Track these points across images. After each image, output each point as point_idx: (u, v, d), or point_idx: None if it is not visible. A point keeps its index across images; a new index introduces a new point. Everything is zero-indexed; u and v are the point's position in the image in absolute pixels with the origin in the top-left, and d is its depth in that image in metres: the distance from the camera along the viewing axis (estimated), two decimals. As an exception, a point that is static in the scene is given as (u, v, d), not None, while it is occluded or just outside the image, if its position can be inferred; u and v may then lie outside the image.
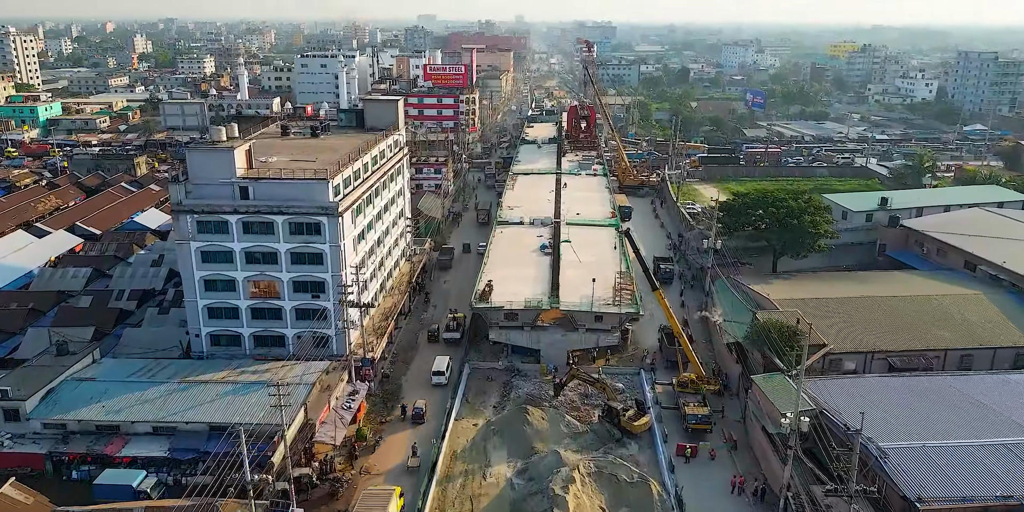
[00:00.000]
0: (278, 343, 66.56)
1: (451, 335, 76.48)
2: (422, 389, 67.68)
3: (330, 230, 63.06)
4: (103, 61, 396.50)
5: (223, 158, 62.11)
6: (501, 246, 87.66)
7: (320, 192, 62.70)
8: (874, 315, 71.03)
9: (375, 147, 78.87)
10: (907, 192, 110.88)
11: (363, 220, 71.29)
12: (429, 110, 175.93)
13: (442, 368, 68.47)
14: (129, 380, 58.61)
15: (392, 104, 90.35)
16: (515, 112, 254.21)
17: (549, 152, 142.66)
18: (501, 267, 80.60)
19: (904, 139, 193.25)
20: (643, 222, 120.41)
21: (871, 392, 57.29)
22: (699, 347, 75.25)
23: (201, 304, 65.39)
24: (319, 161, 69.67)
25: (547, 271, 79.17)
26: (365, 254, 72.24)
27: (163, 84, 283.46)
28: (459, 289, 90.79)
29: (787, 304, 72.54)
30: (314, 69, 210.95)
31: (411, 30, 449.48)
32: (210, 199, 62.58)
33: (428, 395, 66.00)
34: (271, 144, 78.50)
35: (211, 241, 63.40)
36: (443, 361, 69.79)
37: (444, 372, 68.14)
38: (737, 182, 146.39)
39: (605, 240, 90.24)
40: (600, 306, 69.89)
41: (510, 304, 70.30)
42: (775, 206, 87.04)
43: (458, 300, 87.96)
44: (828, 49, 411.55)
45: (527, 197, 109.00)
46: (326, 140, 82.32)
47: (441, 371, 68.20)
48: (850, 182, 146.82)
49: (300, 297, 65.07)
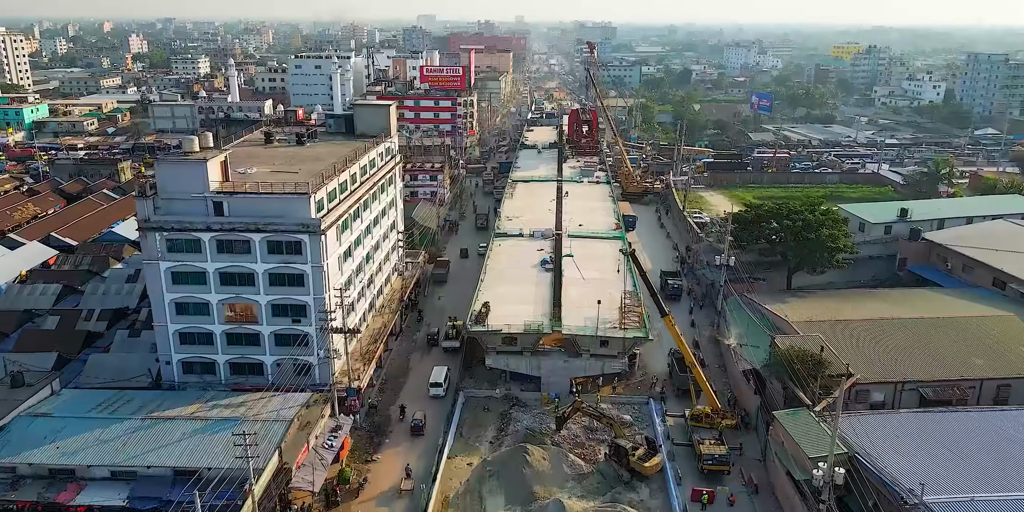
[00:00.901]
0: (256, 371, 61.23)
1: (450, 344, 73.98)
2: (421, 401, 65.37)
3: (312, 249, 57.75)
4: (97, 61, 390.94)
5: (195, 171, 56.79)
6: (499, 261, 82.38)
7: (301, 208, 57.39)
8: (901, 340, 65.82)
9: (364, 156, 73.62)
10: (927, 202, 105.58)
11: (350, 236, 65.99)
12: (426, 113, 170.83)
13: (440, 379, 66.38)
14: (89, 416, 53.25)
15: (383, 109, 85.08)
16: (515, 114, 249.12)
17: (549, 158, 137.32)
18: (499, 284, 75.32)
19: (914, 143, 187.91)
20: (648, 232, 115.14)
21: (906, 431, 52.00)
22: (712, 372, 70.07)
23: (172, 329, 60.05)
24: (302, 173, 64.46)
25: (548, 289, 73.88)
26: (352, 273, 66.96)
27: (156, 85, 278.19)
28: (454, 306, 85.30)
29: (807, 327, 67.43)
30: (308, 70, 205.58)
31: (409, 30, 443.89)
32: (181, 215, 57.26)
33: (426, 407, 63.85)
34: (252, 153, 73.23)
35: (182, 261, 58.06)
36: (441, 372, 67.43)
37: (442, 383, 66.06)
38: (744, 189, 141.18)
39: (609, 254, 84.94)
40: (606, 330, 64.59)
41: (508, 327, 65.03)
42: (791, 218, 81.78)
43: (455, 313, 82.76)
44: (832, 50, 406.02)
45: (527, 206, 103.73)
46: (312, 148, 77.07)
47: (439, 383, 66.07)
48: (862, 189, 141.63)
49: (279, 321, 59.73)
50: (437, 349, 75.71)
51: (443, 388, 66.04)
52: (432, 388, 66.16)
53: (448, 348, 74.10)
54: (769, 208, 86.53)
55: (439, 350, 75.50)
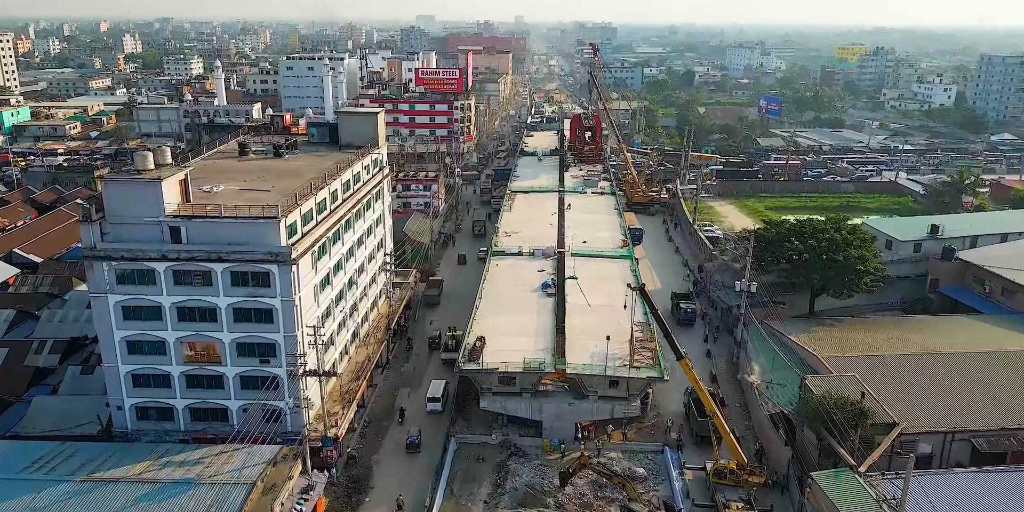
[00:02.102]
0: (219, 417, 54.07)
1: (450, 355, 70.12)
2: (417, 418, 62.84)
3: (282, 281, 50.59)
4: (89, 62, 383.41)
5: (148, 191, 49.61)
6: (496, 283, 75.15)
7: (270, 234, 50.23)
8: (946, 379, 58.79)
9: (348, 170, 66.51)
10: (957, 217, 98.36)
11: (328, 262, 58.85)
12: (421, 117, 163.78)
13: (438, 394, 64.03)
14: (19, 477, 46.04)
15: (371, 117, 77.93)
16: (514, 117, 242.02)
17: (550, 166, 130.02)
18: (496, 312, 68.07)
19: (929, 149, 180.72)
20: (655, 247, 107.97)
21: (966, 497, 44.88)
22: (733, 411, 63.00)
23: (124, 370, 52.88)
24: (276, 190, 57.44)
25: (550, 318, 66.62)
26: (331, 302, 59.81)
27: (146, 86, 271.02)
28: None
29: (839, 364, 60.38)
30: (300, 72, 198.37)
31: (407, 30, 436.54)
32: (132, 242, 50.10)
33: (423, 422, 61.73)
34: (223, 167, 66.21)
35: (134, 294, 50.92)
36: (439, 386, 65.11)
37: (439, 398, 63.64)
38: (756, 199, 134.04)
39: (616, 275, 77.75)
40: (616, 368, 57.40)
41: (506, 366, 57.78)
42: (816, 238, 74.65)
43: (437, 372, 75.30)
44: (836, 52, 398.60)
45: (526, 220, 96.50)
46: (291, 161, 70.05)
47: (436, 397, 63.69)
48: (879, 199, 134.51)
49: (246, 362, 52.56)
50: (435, 362, 73.01)
51: (441, 403, 63.34)
52: (430, 403, 63.59)
53: (448, 360, 70.56)
54: (791, 226, 79.41)
55: (437, 363, 72.06)
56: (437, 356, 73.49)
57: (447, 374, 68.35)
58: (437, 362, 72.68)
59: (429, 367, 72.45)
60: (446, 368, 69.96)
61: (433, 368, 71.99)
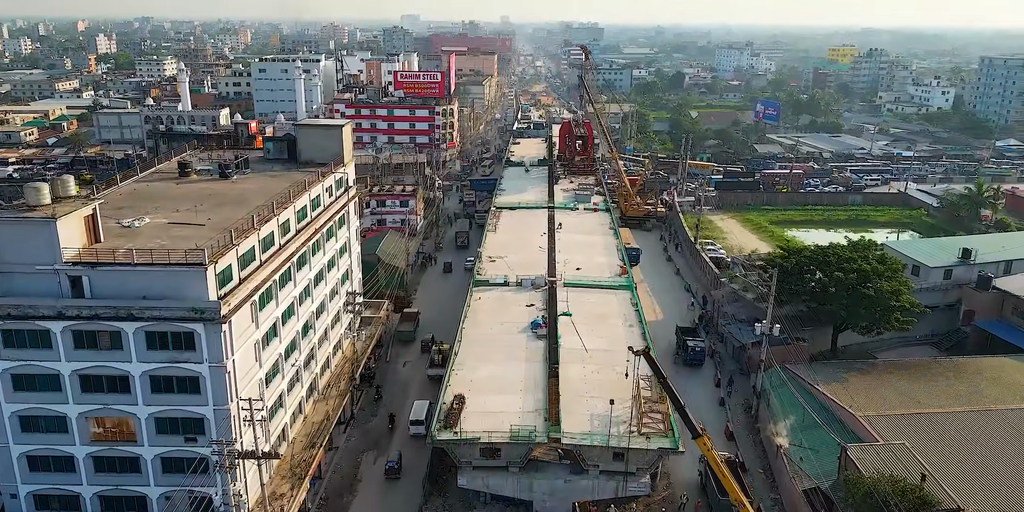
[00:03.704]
0: (136, 507, 44.18)
1: (436, 372, 66.41)
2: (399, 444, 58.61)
3: (210, 342, 40.80)
4: (60, 62, 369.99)
5: (40, 233, 39.68)
6: (479, 323, 65.44)
7: (193, 285, 40.39)
8: (1007, 442, 49.93)
9: (304, 194, 56.72)
10: (987, 239, 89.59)
11: (274, 310, 49.05)
12: (401, 123, 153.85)
13: (421, 416, 59.36)
14: None
15: (334, 131, 68.03)
16: (499, 120, 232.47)
17: (539, 177, 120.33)
18: (478, 361, 58.41)
19: (933, 156, 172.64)
20: (655, 269, 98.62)
21: None
22: (757, 480, 53.72)
23: (16, 451, 42.95)
24: (211, 224, 47.75)
25: (541, 369, 57.03)
26: (279, 358, 50.04)
27: (115, 88, 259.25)
28: (422, 376, 68.89)
29: (882, 425, 51.38)
30: (273, 74, 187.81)
31: (389, 30, 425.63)
32: (22, 296, 40.21)
33: (404, 446, 57.92)
34: (157, 192, 56.28)
35: (26, 360, 41.03)
36: (422, 407, 60.43)
37: (423, 421, 58.61)
38: (758, 212, 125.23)
39: (616, 310, 68.30)
40: (621, 437, 47.91)
41: (489, 435, 48.13)
42: (842, 269, 65.57)
43: (421, 391, 66.32)
44: (827, 53, 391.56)
45: (513, 242, 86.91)
46: (239, 183, 60.22)
47: (420, 420, 58.94)
48: (890, 212, 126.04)
49: (167, 441, 42.76)
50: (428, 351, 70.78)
51: (425, 426, 57.50)
52: (413, 426, 59.25)
53: (433, 376, 66.42)
54: (812, 253, 70.39)
55: (423, 379, 67.10)
56: (428, 357, 70.17)
57: (435, 388, 61.75)
58: (423, 378, 67.56)
59: (414, 384, 66.15)
60: (432, 385, 65.02)
61: (418, 386, 65.97)
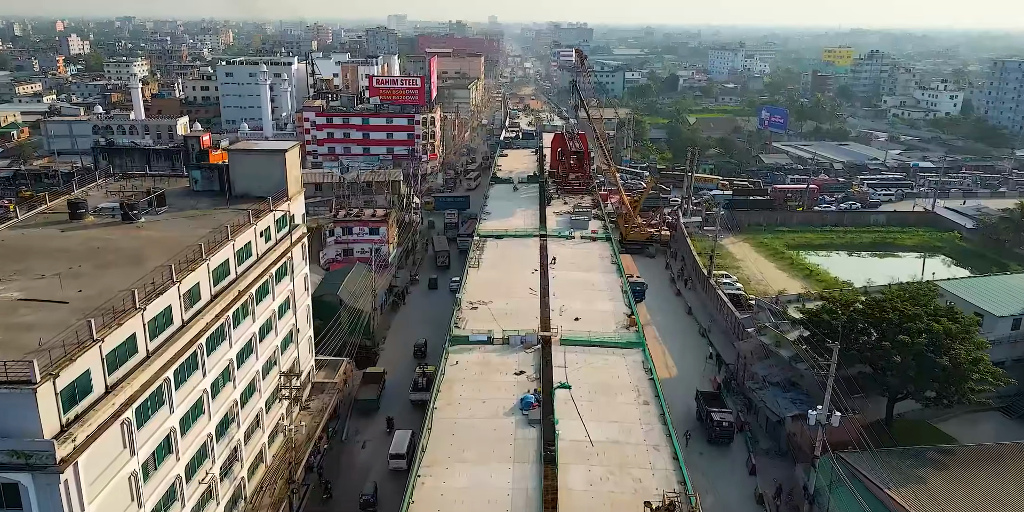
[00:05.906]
0: None
1: (420, 396, 61.77)
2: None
3: (41, 499, 27.51)
4: (28, 64, 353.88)
5: None
6: (455, 400, 52.00)
7: (18, 413, 27.11)
8: None
9: (226, 245, 43.45)
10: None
11: (167, 419, 35.73)
12: (376, 133, 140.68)
13: (402, 449, 54.10)
14: None
15: (276, 157, 54.82)
16: (486, 126, 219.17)
17: (529, 198, 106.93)
18: (451, 462, 44.90)
19: (952, 167, 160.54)
20: (662, 307, 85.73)
21: None
22: None
23: None
24: (82, 298, 34.76)
25: (534, 474, 43.75)
26: (177, 479, 36.70)
27: (79, 92, 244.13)
28: (383, 462, 55.56)
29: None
30: (241, 79, 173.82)
31: (373, 31, 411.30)
32: None
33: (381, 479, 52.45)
34: (28, 244, 43.15)
35: None
36: (404, 439, 55.16)
37: (404, 455, 53.28)
38: (773, 234, 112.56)
39: (626, 381, 55.02)
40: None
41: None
42: (910, 331, 52.70)
43: (383, 484, 53.08)
44: (823, 55, 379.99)
45: (499, 282, 73.63)
46: (144, 228, 47.06)
47: (401, 454, 53.64)
48: (918, 234, 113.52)
49: None
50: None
51: (406, 461, 52.22)
52: (393, 460, 53.82)
53: (417, 401, 61.87)
54: (864, 307, 57.52)
55: (384, 467, 54.89)
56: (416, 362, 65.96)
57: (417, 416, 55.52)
58: (384, 465, 55.18)
59: (375, 473, 54.36)
60: (417, 412, 59.42)
61: (380, 476, 53.97)
